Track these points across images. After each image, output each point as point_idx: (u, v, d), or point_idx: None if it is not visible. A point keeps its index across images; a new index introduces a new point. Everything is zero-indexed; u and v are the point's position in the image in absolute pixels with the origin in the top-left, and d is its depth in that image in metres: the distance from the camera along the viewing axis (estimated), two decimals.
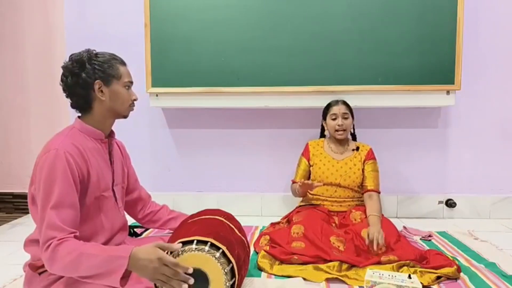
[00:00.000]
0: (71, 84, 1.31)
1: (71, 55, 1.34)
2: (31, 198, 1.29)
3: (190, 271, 1.12)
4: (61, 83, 1.34)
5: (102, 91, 1.33)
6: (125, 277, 1.12)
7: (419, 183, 2.67)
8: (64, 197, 1.20)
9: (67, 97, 1.35)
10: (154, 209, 1.69)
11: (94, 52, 1.35)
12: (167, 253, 1.14)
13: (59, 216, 1.18)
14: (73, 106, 1.37)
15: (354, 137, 2.32)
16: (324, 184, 2.14)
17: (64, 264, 1.14)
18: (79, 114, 1.39)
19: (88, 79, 1.30)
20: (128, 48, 2.52)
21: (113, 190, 1.43)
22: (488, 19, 2.54)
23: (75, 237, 1.19)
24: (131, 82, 1.41)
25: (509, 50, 2.56)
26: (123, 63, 1.39)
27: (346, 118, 2.17)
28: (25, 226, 2.56)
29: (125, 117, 1.42)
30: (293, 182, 2.30)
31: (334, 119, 2.17)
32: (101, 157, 1.38)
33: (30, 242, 1.33)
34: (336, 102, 2.21)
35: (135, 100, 1.41)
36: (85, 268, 1.12)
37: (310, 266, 1.67)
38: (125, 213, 1.61)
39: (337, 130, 2.16)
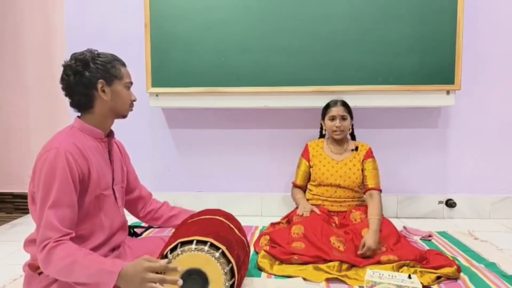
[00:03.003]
0: (73, 82, 1.31)
1: (73, 54, 1.35)
2: (31, 197, 1.29)
3: (180, 269, 1.15)
4: (62, 81, 1.34)
5: (104, 91, 1.34)
6: None
7: (419, 183, 2.67)
8: (62, 197, 1.20)
9: (66, 96, 1.35)
10: (155, 206, 1.70)
11: (96, 52, 1.36)
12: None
13: (57, 216, 1.18)
14: (72, 105, 1.37)
15: (353, 137, 2.32)
16: (324, 185, 2.15)
17: (57, 268, 1.16)
18: (79, 114, 1.39)
19: (92, 78, 1.31)
20: (128, 48, 2.53)
21: (113, 189, 1.44)
22: (488, 19, 2.54)
23: (71, 238, 1.20)
24: (131, 83, 1.44)
25: (509, 50, 2.56)
26: (123, 64, 1.42)
27: (344, 119, 2.17)
28: (25, 226, 2.56)
29: (125, 117, 1.44)
30: (294, 184, 2.30)
31: (332, 120, 2.17)
32: (101, 156, 1.38)
33: (30, 242, 1.33)
34: (335, 103, 2.20)
35: (134, 100, 1.45)
36: (77, 276, 1.15)
37: (310, 266, 1.67)
38: (127, 212, 1.62)
39: (334, 131, 2.16)
